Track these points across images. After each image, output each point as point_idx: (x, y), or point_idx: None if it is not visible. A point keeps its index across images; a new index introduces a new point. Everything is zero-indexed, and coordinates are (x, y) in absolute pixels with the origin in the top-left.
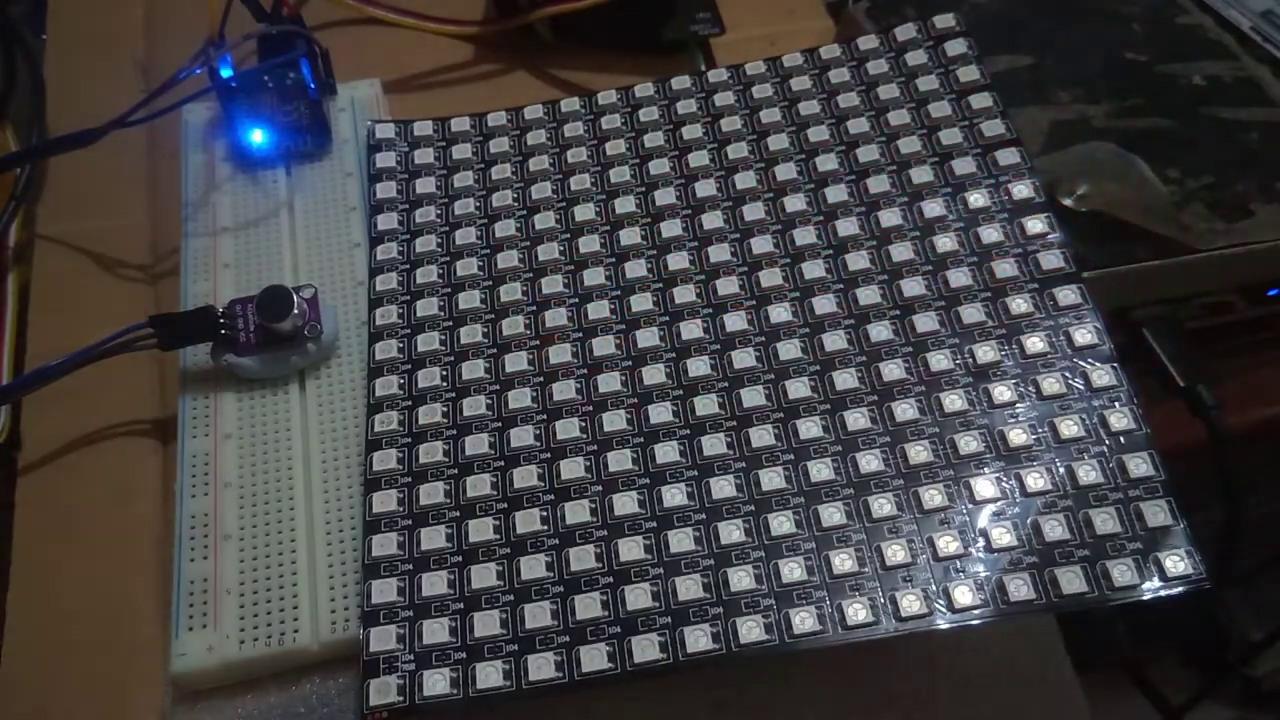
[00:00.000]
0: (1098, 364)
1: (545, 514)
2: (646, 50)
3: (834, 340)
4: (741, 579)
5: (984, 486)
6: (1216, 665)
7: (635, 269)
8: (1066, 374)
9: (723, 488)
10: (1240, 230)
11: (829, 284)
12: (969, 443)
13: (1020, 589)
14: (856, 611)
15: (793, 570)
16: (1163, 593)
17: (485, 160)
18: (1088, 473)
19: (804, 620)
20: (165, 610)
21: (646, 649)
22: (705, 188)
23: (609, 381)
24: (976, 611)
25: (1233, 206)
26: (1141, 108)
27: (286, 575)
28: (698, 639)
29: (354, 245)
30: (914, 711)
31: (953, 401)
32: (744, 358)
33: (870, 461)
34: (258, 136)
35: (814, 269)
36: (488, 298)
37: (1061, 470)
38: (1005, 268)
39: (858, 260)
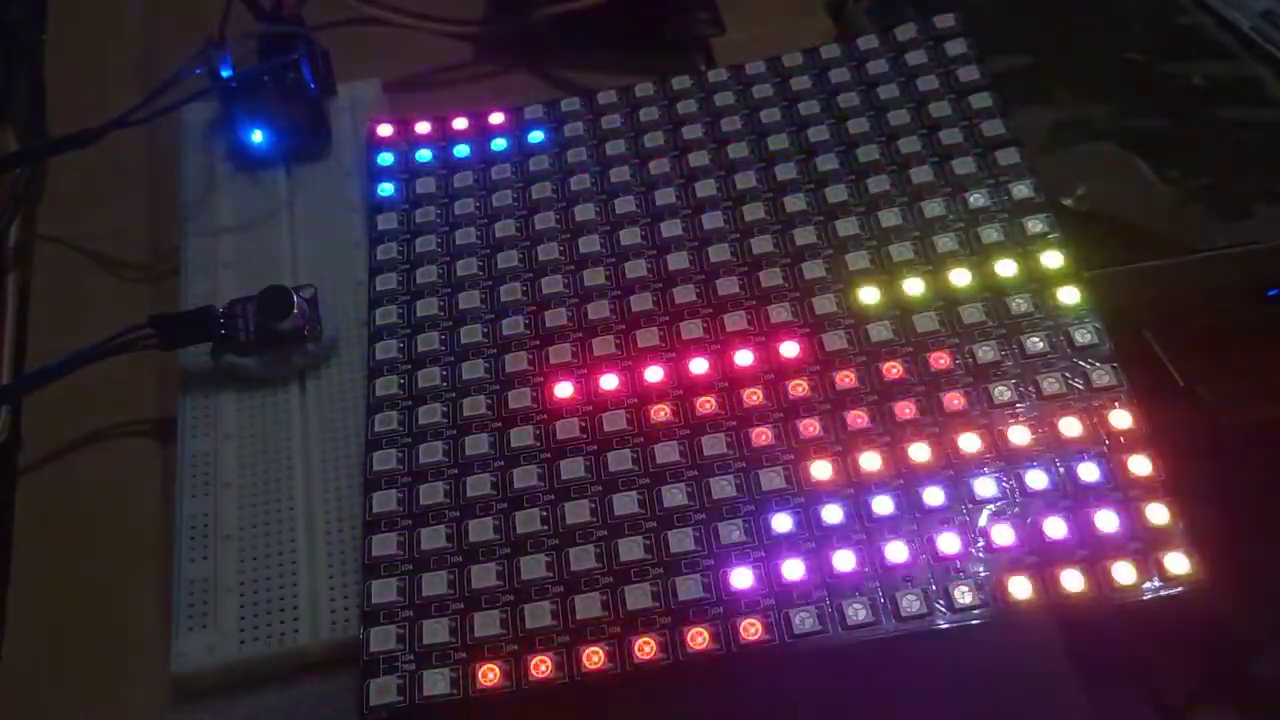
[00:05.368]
0: (1098, 364)
1: (545, 514)
2: (646, 50)
3: (834, 340)
4: (741, 579)
5: (984, 486)
6: (1216, 665)
7: (635, 269)
8: (1066, 374)
9: (723, 487)
10: (1240, 230)
11: (829, 284)
12: (969, 442)
13: (1020, 589)
14: (856, 611)
15: (792, 570)
16: (1163, 593)
17: (485, 160)
18: (1088, 472)
19: (804, 620)
20: (165, 610)
21: (647, 649)
22: (705, 188)
23: (609, 381)
24: (976, 611)
25: (1233, 206)
26: (1141, 108)
27: (286, 575)
28: (698, 639)
29: (354, 245)
30: (914, 712)
31: (953, 401)
32: (744, 357)
33: (870, 461)
34: (258, 136)
35: (814, 269)
36: (488, 298)
37: (1061, 470)
38: (1005, 267)
39: (858, 260)
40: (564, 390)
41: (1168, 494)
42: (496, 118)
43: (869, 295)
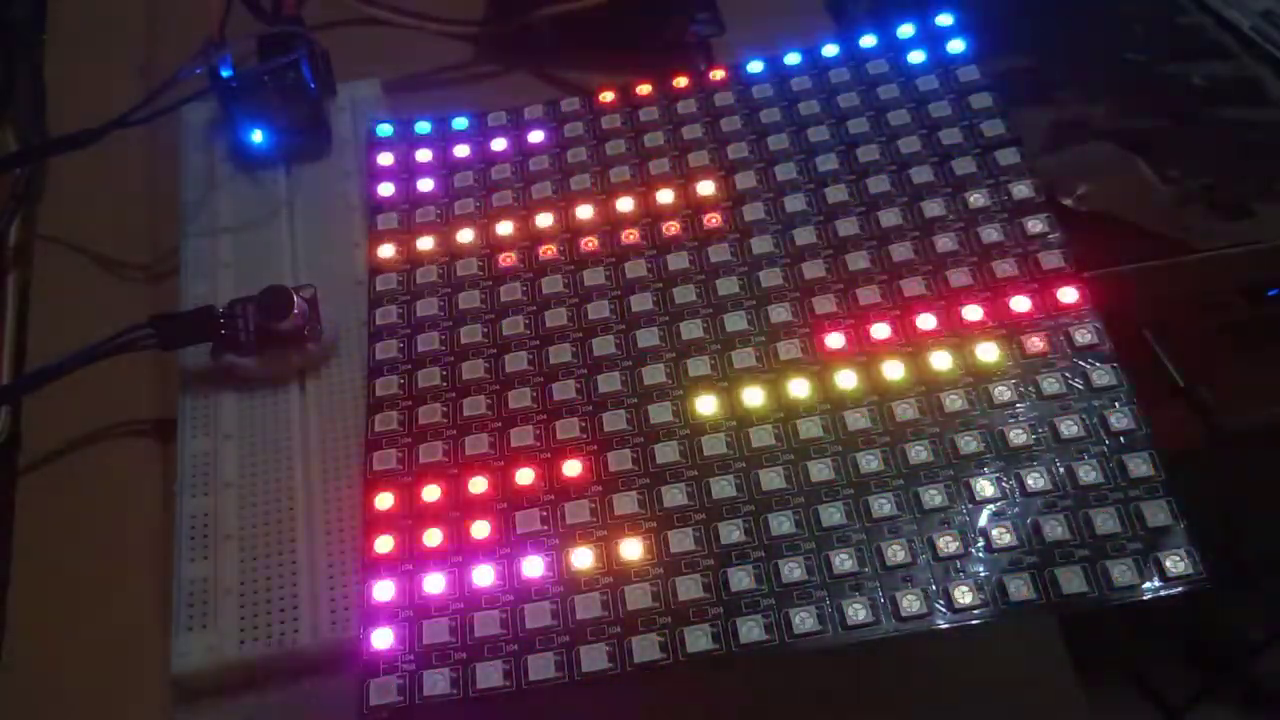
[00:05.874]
0: (1098, 364)
1: (545, 514)
2: (646, 50)
3: (834, 340)
4: (741, 579)
5: (984, 486)
6: (1216, 665)
7: (635, 269)
8: (1066, 374)
9: (723, 488)
10: (1240, 230)
11: (829, 284)
12: (969, 443)
13: (1020, 589)
14: (856, 611)
15: (793, 570)
16: (1163, 593)
17: (485, 160)
18: (1088, 473)
19: (804, 620)
20: (165, 610)
21: (646, 649)
22: (704, 188)
23: (609, 381)
24: (976, 611)
25: (1233, 206)
26: (1141, 108)
27: (286, 575)
28: (698, 639)
29: (354, 245)
30: (913, 712)
31: (953, 401)
32: (744, 357)
33: (870, 461)
34: (258, 136)
35: (814, 269)
36: (487, 297)
37: (1061, 470)
38: (1005, 268)
39: (858, 260)
40: (564, 390)
41: (1168, 494)
42: (496, 117)
43: (869, 295)
